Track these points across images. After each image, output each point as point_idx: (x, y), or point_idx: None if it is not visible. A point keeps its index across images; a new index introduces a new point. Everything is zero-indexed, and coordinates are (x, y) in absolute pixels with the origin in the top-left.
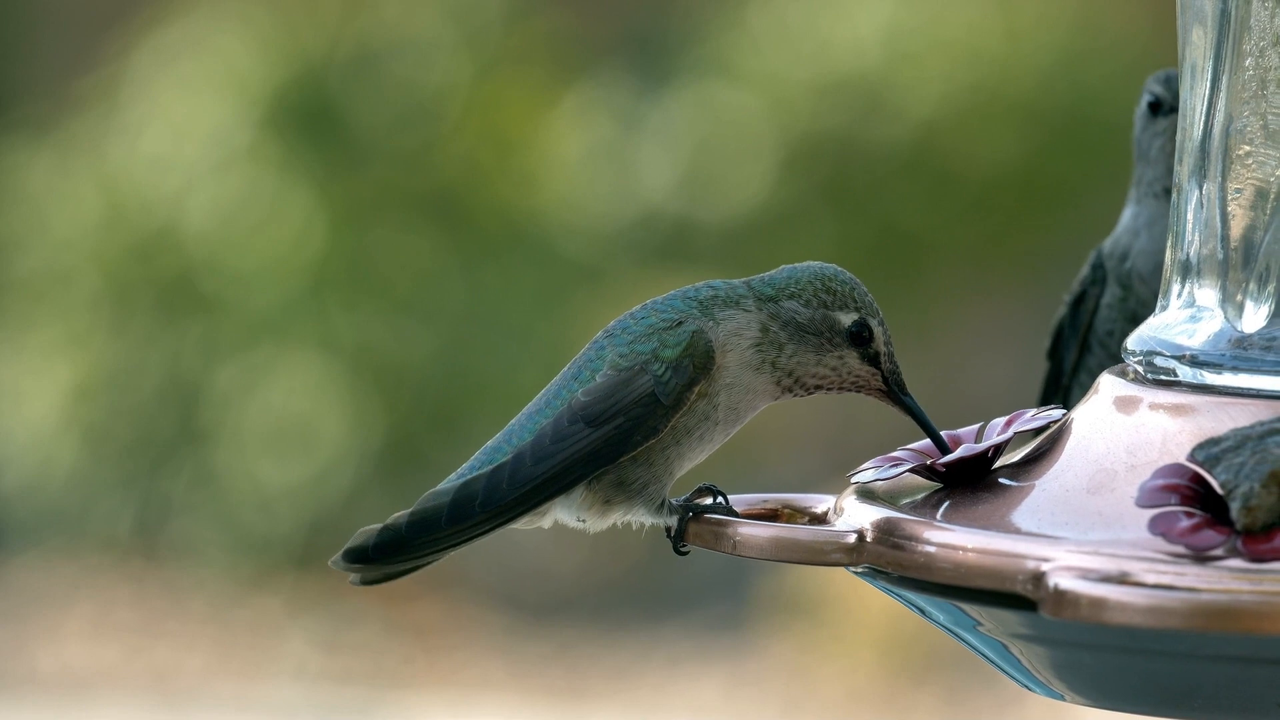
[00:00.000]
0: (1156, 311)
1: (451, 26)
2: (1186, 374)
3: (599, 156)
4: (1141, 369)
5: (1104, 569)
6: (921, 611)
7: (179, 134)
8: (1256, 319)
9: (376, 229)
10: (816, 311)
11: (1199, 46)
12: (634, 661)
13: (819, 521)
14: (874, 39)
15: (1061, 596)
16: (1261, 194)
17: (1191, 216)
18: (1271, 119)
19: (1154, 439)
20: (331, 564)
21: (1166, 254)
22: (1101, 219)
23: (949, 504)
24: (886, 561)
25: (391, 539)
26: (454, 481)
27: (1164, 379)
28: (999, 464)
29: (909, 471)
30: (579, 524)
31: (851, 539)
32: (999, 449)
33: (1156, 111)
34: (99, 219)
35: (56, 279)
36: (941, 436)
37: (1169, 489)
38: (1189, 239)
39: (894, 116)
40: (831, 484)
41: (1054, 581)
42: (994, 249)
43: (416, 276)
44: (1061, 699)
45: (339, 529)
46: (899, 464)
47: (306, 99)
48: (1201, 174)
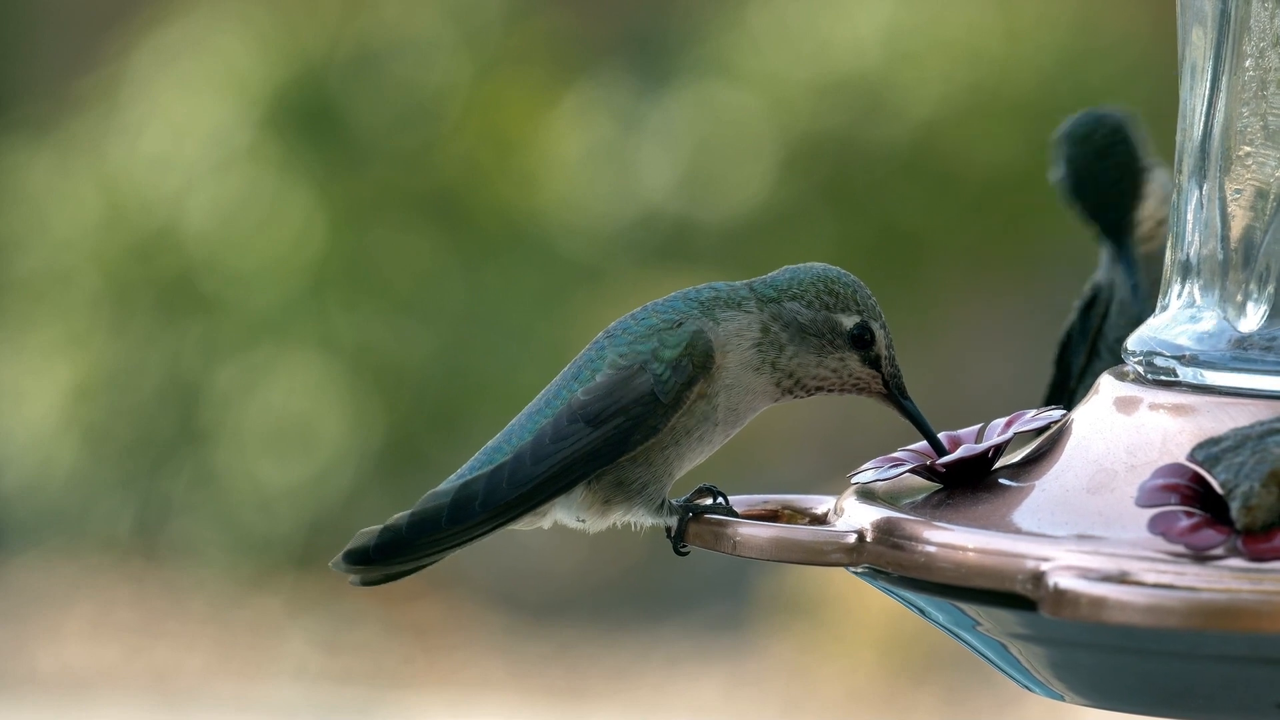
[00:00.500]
0: (1156, 311)
1: (451, 26)
2: (1186, 374)
3: (599, 156)
4: (1141, 369)
5: (1104, 568)
6: (921, 611)
7: (179, 134)
8: (1256, 319)
9: (376, 229)
10: (818, 313)
11: (1199, 47)
12: (634, 661)
13: (819, 522)
14: (874, 39)
15: (1061, 596)
16: (1261, 194)
17: (1191, 217)
18: (1271, 119)
19: (1154, 439)
20: (332, 566)
21: (1166, 254)
22: None
23: (949, 504)
24: (886, 561)
25: (392, 540)
26: (454, 482)
27: (1164, 379)
28: (999, 464)
29: (909, 472)
30: (579, 524)
31: (851, 539)
32: (999, 449)
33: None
34: (99, 219)
35: (56, 279)
36: (940, 442)
37: (1169, 489)
38: (1189, 239)
39: (894, 116)
40: (831, 484)
41: (1054, 581)
42: (994, 249)
43: (416, 276)
44: (1061, 699)
45: (339, 529)
46: (899, 464)
47: (306, 99)
48: (1201, 174)
